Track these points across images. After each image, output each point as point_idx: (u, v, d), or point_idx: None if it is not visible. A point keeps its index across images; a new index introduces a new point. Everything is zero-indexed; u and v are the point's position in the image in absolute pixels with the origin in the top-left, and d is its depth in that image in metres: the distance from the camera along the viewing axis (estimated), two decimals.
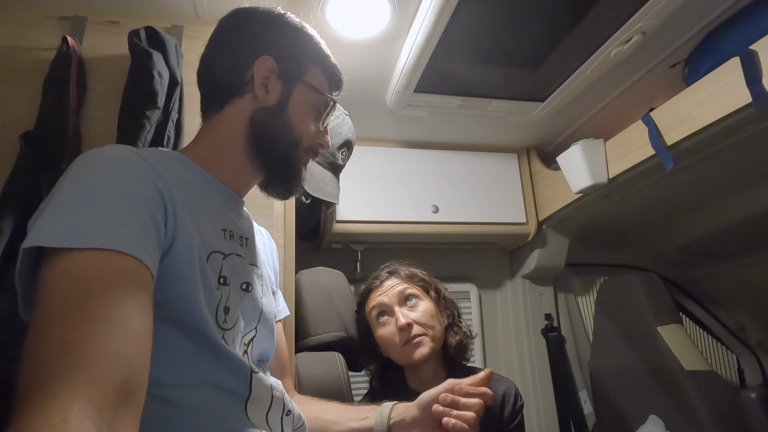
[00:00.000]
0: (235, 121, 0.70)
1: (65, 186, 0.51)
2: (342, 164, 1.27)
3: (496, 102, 1.48)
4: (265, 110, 0.70)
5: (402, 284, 1.16)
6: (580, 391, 1.83)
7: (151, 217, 0.52)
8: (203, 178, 0.67)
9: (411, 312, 1.13)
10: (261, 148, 0.70)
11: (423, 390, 1.13)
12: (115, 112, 0.93)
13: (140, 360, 0.45)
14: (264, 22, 0.73)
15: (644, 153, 1.28)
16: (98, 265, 0.45)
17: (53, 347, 0.40)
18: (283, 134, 0.70)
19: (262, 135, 0.70)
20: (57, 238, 0.46)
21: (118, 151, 0.57)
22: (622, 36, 1.17)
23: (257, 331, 0.69)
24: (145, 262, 0.48)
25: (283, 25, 0.73)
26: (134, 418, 0.42)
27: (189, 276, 0.55)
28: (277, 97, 0.70)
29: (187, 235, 0.56)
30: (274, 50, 0.70)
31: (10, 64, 0.97)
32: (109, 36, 1.03)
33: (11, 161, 0.87)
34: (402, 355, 1.12)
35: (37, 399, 0.37)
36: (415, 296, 1.15)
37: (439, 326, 1.14)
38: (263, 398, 0.63)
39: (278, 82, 0.70)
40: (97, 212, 0.48)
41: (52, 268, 0.45)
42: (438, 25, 1.10)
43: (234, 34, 0.73)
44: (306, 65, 0.73)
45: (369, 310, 1.18)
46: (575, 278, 2.06)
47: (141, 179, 0.54)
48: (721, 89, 1.08)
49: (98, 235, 0.46)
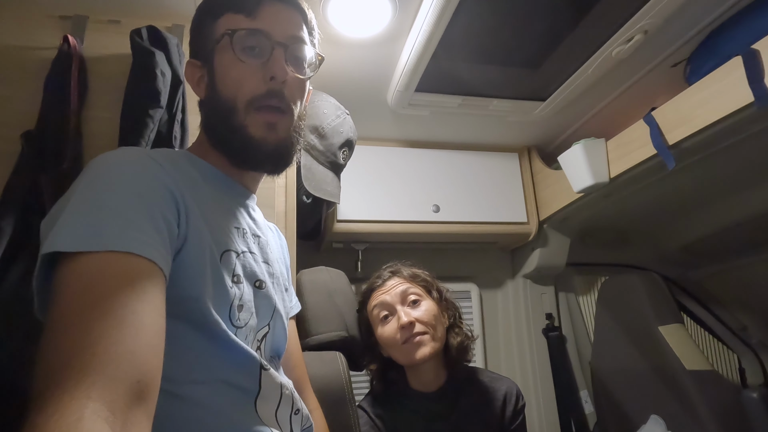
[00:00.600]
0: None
1: (80, 189, 0.52)
2: (343, 164, 1.27)
3: (497, 101, 1.48)
4: (204, 101, 0.70)
5: (404, 284, 1.16)
6: (581, 391, 1.83)
7: (164, 219, 0.53)
8: (214, 175, 0.68)
9: (413, 311, 1.12)
10: (210, 137, 0.70)
11: (424, 390, 1.14)
12: (115, 112, 0.94)
13: (153, 360, 0.45)
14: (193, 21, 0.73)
15: (646, 152, 1.27)
16: (112, 267, 0.46)
17: (68, 348, 0.41)
18: (216, 112, 0.66)
19: (207, 125, 0.70)
20: (72, 243, 0.46)
21: (131, 154, 0.57)
22: (624, 35, 1.17)
23: (270, 327, 0.69)
24: (158, 263, 0.49)
25: (194, 20, 0.72)
26: (147, 417, 0.43)
27: (200, 275, 0.55)
28: (206, 81, 0.69)
29: (199, 235, 0.57)
30: (192, 49, 0.72)
31: (11, 64, 0.97)
32: (110, 35, 1.03)
33: (12, 160, 0.87)
34: (403, 354, 1.12)
35: (52, 399, 0.38)
36: (418, 296, 1.15)
37: (441, 327, 1.14)
38: (272, 395, 0.63)
39: (204, 70, 0.70)
40: (111, 215, 0.49)
41: (66, 271, 0.46)
42: (439, 25, 1.10)
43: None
44: (212, 28, 0.68)
45: (371, 309, 1.18)
46: (576, 278, 2.06)
47: (153, 181, 0.55)
48: (722, 88, 1.08)
49: (112, 238, 0.47)
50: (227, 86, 0.65)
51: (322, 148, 1.21)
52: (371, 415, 1.14)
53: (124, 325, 0.43)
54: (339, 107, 1.28)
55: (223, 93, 0.65)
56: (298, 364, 0.87)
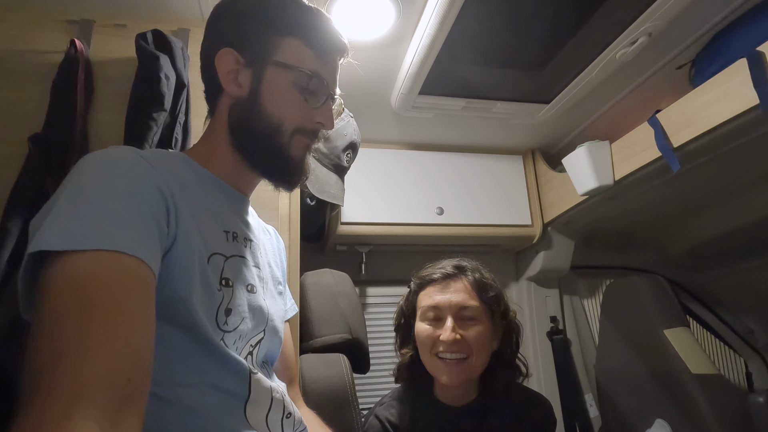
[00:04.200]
0: (220, 121, 0.70)
1: (68, 188, 0.51)
2: (347, 166, 1.27)
3: (501, 104, 1.48)
4: (238, 104, 0.68)
5: (465, 295, 1.02)
6: (585, 394, 1.83)
7: (154, 218, 0.52)
8: (206, 178, 0.67)
9: (463, 329, 0.99)
10: (242, 143, 0.69)
11: (450, 403, 1.05)
12: (121, 115, 0.94)
13: (143, 359, 0.45)
14: (226, 12, 0.71)
15: (650, 155, 1.27)
16: (101, 266, 0.45)
17: (56, 347, 0.41)
18: (259, 125, 0.67)
19: (240, 131, 0.68)
20: (60, 241, 0.46)
21: (120, 153, 0.57)
22: (628, 38, 1.17)
23: (265, 333, 0.69)
24: (148, 262, 0.48)
25: (243, 9, 0.70)
26: (137, 416, 0.43)
27: (187, 277, 0.55)
28: (248, 87, 0.67)
29: (188, 236, 0.56)
30: (236, 39, 0.68)
31: (19, 67, 0.98)
32: (116, 39, 1.04)
33: (19, 163, 0.88)
34: (430, 365, 1.03)
35: (41, 399, 0.38)
36: (475, 317, 1.01)
37: (484, 354, 1.01)
38: (263, 400, 0.62)
39: (247, 71, 0.68)
40: (100, 213, 0.48)
41: (55, 270, 0.45)
42: (443, 27, 1.10)
43: (206, 33, 0.72)
44: (275, 42, 0.68)
45: (420, 300, 1.07)
46: (580, 281, 2.05)
47: (143, 180, 0.54)
48: (727, 91, 1.08)
49: (101, 236, 0.47)
50: (278, 107, 0.67)
51: (326, 151, 1.21)
52: (385, 423, 1.03)
53: (114, 324, 0.43)
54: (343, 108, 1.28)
55: (270, 110, 0.67)
56: (292, 366, 0.87)
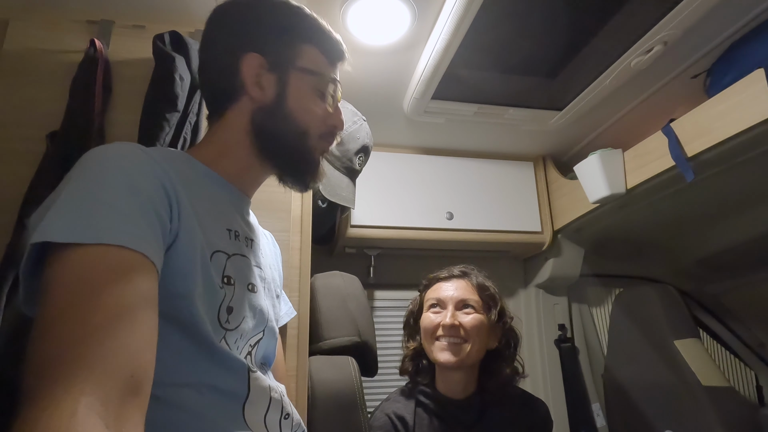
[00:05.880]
0: (237, 124, 0.69)
1: (72, 183, 0.51)
2: (359, 169, 1.28)
3: (513, 110, 1.48)
4: (263, 108, 0.68)
5: (468, 291, 1.17)
6: (593, 404, 1.81)
7: (157, 213, 0.52)
8: (209, 177, 0.67)
9: (461, 316, 1.13)
10: (268, 148, 0.69)
11: (449, 396, 1.13)
12: (138, 114, 0.95)
13: (146, 355, 0.45)
14: (244, 15, 0.70)
15: (664, 164, 1.26)
16: (104, 261, 0.45)
17: (60, 342, 0.41)
18: (287, 129, 0.68)
19: (266, 135, 0.68)
20: (64, 234, 0.46)
21: (124, 148, 0.57)
22: (643, 46, 1.16)
23: (264, 334, 0.69)
24: (151, 257, 0.48)
25: (263, 13, 0.70)
26: (140, 412, 0.43)
27: (189, 273, 0.55)
28: (273, 91, 0.68)
29: (191, 233, 0.56)
30: (258, 43, 0.68)
31: (39, 66, 1.00)
32: (135, 40, 1.05)
33: (37, 160, 0.89)
34: (430, 349, 1.13)
35: (45, 394, 0.38)
36: (474, 307, 1.14)
37: (481, 343, 1.12)
38: (261, 399, 0.62)
39: (271, 76, 0.68)
40: (103, 208, 0.49)
41: (58, 263, 0.45)
42: (458, 33, 1.10)
43: (218, 36, 0.71)
44: (297, 48, 0.70)
45: (428, 294, 1.21)
46: (590, 289, 2.03)
47: (147, 175, 0.54)
48: (743, 101, 1.07)
49: (104, 231, 0.47)
50: (303, 111, 0.70)
51: (339, 154, 1.22)
52: (391, 416, 1.11)
53: (118, 319, 0.43)
54: (356, 113, 1.29)
55: (297, 115, 0.69)
56: (280, 368, 0.85)
